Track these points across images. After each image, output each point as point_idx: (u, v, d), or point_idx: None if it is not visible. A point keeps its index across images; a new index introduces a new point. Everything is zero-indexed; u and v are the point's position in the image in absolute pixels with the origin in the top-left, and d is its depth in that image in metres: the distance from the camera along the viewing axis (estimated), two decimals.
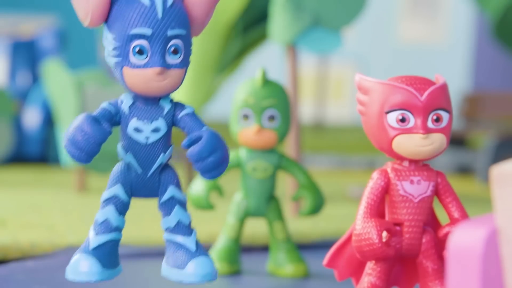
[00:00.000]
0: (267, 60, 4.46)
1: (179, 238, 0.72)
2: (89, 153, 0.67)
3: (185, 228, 0.72)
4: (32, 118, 3.12)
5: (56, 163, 3.10)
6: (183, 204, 0.72)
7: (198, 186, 1.08)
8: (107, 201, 0.70)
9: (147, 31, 0.66)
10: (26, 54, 3.21)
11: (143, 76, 0.66)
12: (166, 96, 0.69)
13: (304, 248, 1.31)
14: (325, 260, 0.87)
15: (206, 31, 2.18)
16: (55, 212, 1.65)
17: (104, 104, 0.70)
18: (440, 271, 0.82)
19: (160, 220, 0.73)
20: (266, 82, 1.07)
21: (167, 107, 0.70)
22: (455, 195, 0.83)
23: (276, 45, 1.93)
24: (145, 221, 1.50)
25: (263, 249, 1.28)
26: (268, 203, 1.09)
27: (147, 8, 0.66)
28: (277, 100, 1.07)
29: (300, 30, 1.71)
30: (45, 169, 2.94)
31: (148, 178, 0.70)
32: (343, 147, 4.34)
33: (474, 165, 3.54)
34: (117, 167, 0.71)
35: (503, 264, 0.53)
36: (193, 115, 0.71)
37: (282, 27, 1.73)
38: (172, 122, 0.70)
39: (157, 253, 1.24)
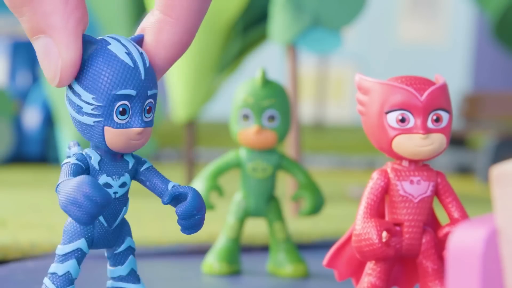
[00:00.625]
0: (267, 60, 4.46)
1: (132, 286, 0.74)
2: (94, 216, 0.66)
3: (135, 276, 0.75)
4: (32, 118, 3.12)
5: (56, 163, 3.10)
6: (134, 253, 0.75)
7: (198, 186, 1.08)
8: (69, 254, 0.71)
9: (132, 92, 0.66)
10: (26, 54, 3.21)
11: (125, 135, 0.67)
12: None
13: (304, 248, 1.31)
14: (325, 260, 0.87)
15: (206, 31, 2.18)
16: (55, 212, 1.65)
17: (73, 160, 0.69)
18: (440, 271, 0.82)
19: (108, 269, 0.74)
20: (266, 82, 1.07)
21: (131, 162, 0.71)
22: (455, 195, 0.83)
23: (276, 45, 1.93)
24: (145, 221, 1.50)
25: (263, 249, 1.28)
26: (268, 203, 1.09)
27: (131, 69, 0.66)
28: (277, 100, 1.07)
29: (300, 30, 1.71)
30: (45, 169, 2.94)
31: (111, 231, 0.71)
32: (343, 147, 4.35)
33: (474, 165, 3.54)
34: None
35: (503, 264, 0.53)
36: (153, 169, 0.72)
37: (282, 27, 1.73)
38: (133, 176, 0.71)
39: (157, 253, 1.24)
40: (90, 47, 0.66)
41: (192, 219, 0.69)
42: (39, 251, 1.19)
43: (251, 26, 2.24)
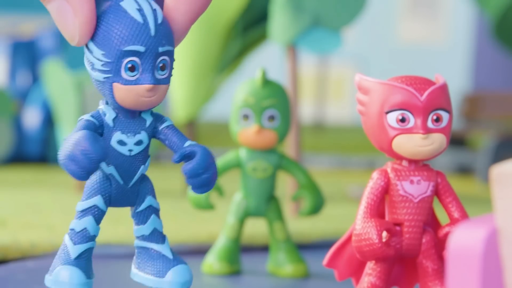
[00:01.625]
0: (267, 60, 4.46)
1: (154, 246, 0.73)
2: (90, 171, 0.66)
3: (160, 236, 0.74)
4: (32, 118, 3.12)
5: (56, 163, 3.09)
6: (158, 213, 0.74)
7: None
8: (86, 211, 0.71)
9: (141, 48, 0.66)
10: (26, 54, 3.21)
11: (134, 92, 0.67)
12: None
13: (304, 248, 1.31)
14: (325, 260, 0.87)
15: (206, 31, 2.18)
16: (55, 212, 1.65)
17: (87, 117, 0.70)
18: (440, 271, 0.82)
19: (133, 228, 0.74)
20: (266, 82, 1.07)
21: (148, 120, 0.71)
22: (455, 195, 0.83)
23: (276, 45, 1.93)
24: None
25: (263, 249, 1.28)
26: (268, 203, 1.09)
27: (140, 25, 0.66)
28: (277, 100, 1.07)
29: (300, 30, 1.71)
30: (45, 169, 2.94)
31: (128, 189, 0.71)
32: (343, 147, 4.34)
33: (474, 165, 3.54)
34: (95, 178, 0.71)
35: (503, 264, 0.53)
36: (173, 127, 0.72)
37: (282, 27, 1.73)
38: (152, 134, 0.71)
39: None
40: (103, 4, 0.67)
41: (198, 178, 0.69)
42: (39, 251, 1.19)
43: (251, 26, 2.24)
